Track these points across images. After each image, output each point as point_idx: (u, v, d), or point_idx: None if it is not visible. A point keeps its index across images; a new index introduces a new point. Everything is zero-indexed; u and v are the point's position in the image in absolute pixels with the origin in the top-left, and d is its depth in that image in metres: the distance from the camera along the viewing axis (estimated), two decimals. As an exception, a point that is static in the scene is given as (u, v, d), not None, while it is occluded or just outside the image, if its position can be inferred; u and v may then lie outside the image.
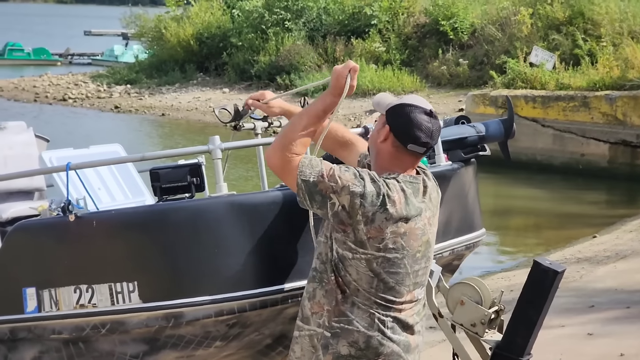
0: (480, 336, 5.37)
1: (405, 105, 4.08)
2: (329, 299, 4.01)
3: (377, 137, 4.11)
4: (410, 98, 4.14)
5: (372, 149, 4.17)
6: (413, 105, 4.08)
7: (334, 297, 4.00)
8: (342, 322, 3.98)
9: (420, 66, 30.17)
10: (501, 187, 19.62)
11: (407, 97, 4.15)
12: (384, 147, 4.08)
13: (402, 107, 4.08)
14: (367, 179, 3.91)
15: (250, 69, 33.12)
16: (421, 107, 4.07)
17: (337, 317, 3.99)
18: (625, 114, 20.17)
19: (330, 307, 4.00)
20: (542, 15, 27.03)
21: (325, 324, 4.01)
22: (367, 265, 3.95)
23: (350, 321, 3.98)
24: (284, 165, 3.95)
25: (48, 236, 4.91)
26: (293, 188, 3.97)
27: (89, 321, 4.73)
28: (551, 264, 5.09)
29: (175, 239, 4.65)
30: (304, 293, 4.15)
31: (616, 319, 8.98)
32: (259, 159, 5.80)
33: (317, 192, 3.90)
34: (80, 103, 34.80)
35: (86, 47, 62.11)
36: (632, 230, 14.66)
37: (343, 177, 3.89)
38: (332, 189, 3.88)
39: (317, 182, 3.90)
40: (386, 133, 4.07)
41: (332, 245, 4.01)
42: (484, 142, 5.82)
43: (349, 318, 3.98)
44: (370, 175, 3.94)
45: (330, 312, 4.00)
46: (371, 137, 4.21)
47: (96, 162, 5.97)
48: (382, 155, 4.09)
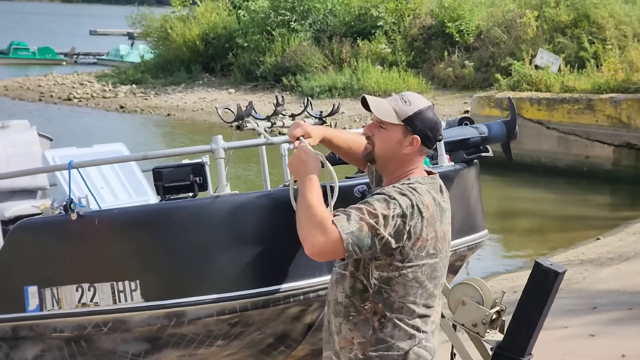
0: (482, 336, 5.39)
1: (424, 111, 3.99)
2: (362, 331, 3.91)
3: (399, 148, 3.99)
4: (417, 100, 4.03)
5: (391, 159, 4.02)
6: (429, 107, 4.02)
7: (370, 326, 3.90)
8: (381, 350, 3.90)
9: (426, 68, 30.17)
10: (506, 189, 19.62)
11: (413, 99, 4.02)
12: (410, 155, 4.00)
13: (424, 115, 3.98)
14: (396, 195, 3.83)
15: (256, 69, 33.12)
16: (431, 106, 4.04)
17: (375, 346, 3.90)
18: (630, 116, 20.16)
19: (364, 339, 3.90)
20: (547, 18, 27.03)
21: (359, 356, 3.91)
22: (414, 277, 3.88)
23: (389, 346, 3.90)
24: (327, 241, 3.76)
25: (50, 235, 4.92)
26: (342, 254, 3.79)
27: (90, 320, 4.75)
28: (552, 264, 5.10)
29: (177, 238, 4.66)
30: (331, 325, 4.03)
31: (618, 320, 8.98)
32: (261, 158, 5.81)
33: (364, 236, 3.76)
34: (85, 103, 34.82)
35: (92, 46, 62.12)
36: (636, 233, 14.66)
37: (377, 208, 3.79)
38: (376, 224, 3.77)
39: (360, 228, 3.77)
40: (416, 143, 3.97)
41: (370, 273, 3.90)
42: (486, 144, 5.82)
43: (388, 343, 3.90)
44: (395, 190, 3.86)
45: (364, 344, 3.90)
46: (387, 148, 4.00)
47: (98, 160, 5.98)
48: (404, 163, 4.00)
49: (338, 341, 3.97)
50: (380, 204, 3.79)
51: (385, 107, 4.01)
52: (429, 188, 3.95)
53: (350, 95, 29.29)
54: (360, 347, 3.90)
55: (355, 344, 3.91)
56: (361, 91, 29.20)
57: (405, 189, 3.87)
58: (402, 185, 3.90)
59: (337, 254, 3.78)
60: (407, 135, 3.97)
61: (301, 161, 3.95)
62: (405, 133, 3.97)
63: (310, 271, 4.65)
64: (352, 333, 3.92)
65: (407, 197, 3.83)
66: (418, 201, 3.84)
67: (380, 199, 3.82)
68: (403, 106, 3.99)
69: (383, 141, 4.01)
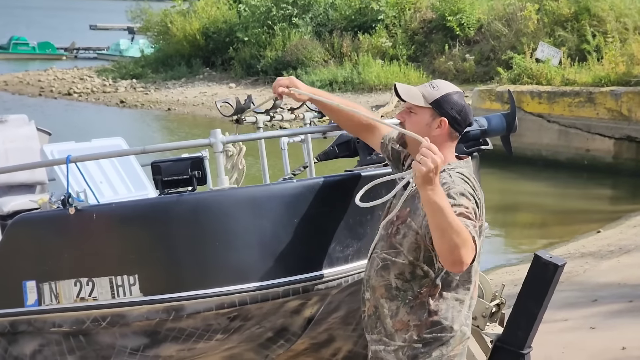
0: (482, 329, 5.39)
1: (452, 94, 4.16)
2: (418, 314, 4.09)
3: (428, 130, 4.11)
4: (445, 85, 4.20)
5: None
6: (457, 91, 4.18)
7: (425, 310, 4.09)
8: (435, 332, 4.09)
9: (426, 61, 30.20)
10: (507, 183, 19.62)
11: (441, 84, 4.19)
12: (440, 138, 4.11)
13: (452, 98, 4.15)
14: (465, 187, 3.98)
15: (256, 64, 33.12)
16: (460, 91, 4.20)
17: (430, 328, 4.09)
18: (631, 109, 20.15)
19: (419, 322, 4.09)
20: (548, 11, 27.02)
21: (414, 338, 4.08)
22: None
23: (443, 328, 4.10)
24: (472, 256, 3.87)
25: (48, 229, 4.90)
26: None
27: (89, 314, 4.73)
28: (552, 257, 5.09)
29: (176, 232, 4.64)
30: (381, 309, 4.17)
31: (619, 312, 8.99)
32: (260, 153, 5.79)
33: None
34: (85, 97, 34.82)
35: (92, 41, 62.08)
36: (636, 225, 14.67)
37: (469, 206, 3.93)
38: (475, 221, 3.93)
39: (477, 232, 3.90)
40: (444, 125, 4.12)
41: (434, 259, 4.04)
42: (486, 136, 5.79)
43: (442, 325, 4.09)
44: (459, 179, 4.00)
45: (420, 326, 4.08)
46: (418, 131, 4.03)
47: (96, 154, 5.97)
48: (438, 146, 3.94)
49: (392, 324, 4.14)
50: (466, 201, 3.94)
51: (414, 92, 4.18)
52: (469, 171, 4.14)
53: (351, 89, 29.30)
54: (416, 329, 4.09)
55: (412, 326, 4.10)
56: (362, 85, 29.22)
57: (460, 176, 4.04)
58: (453, 173, 4.05)
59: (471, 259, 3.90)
60: (435, 117, 4.13)
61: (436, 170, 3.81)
62: (434, 116, 4.13)
63: (309, 265, 4.64)
64: (409, 316, 4.10)
65: (469, 188, 4.00)
66: (474, 188, 4.03)
67: (462, 197, 3.95)
68: (431, 90, 4.15)
69: (413, 124, 4.16)
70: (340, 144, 5.51)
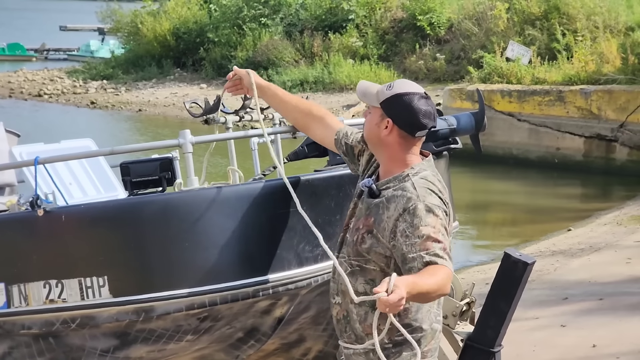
0: (452, 328, 5.39)
1: (402, 95, 4.05)
2: (387, 318, 3.99)
3: (377, 130, 4.09)
4: (402, 85, 4.11)
5: (376, 142, 4.13)
6: (410, 92, 4.06)
7: (395, 314, 3.94)
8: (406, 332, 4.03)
9: (397, 61, 30.22)
10: (478, 181, 19.69)
11: (397, 84, 4.11)
12: (390, 139, 4.07)
13: (401, 98, 4.05)
14: (428, 199, 3.95)
15: (227, 64, 33.01)
16: (417, 93, 4.07)
17: (399, 331, 4.01)
18: (600, 108, 20.26)
19: (390, 326, 3.98)
20: (518, 10, 27.10)
21: (385, 341, 4.03)
22: None
23: (414, 329, 4.07)
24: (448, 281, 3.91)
25: (16, 231, 4.88)
26: None
27: (58, 316, 4.71)
28: (521, 255, 5.10)
29: (145, 233, 4.64)
30: (351, 314, 4.15)
31: (589, 310, 9.03)
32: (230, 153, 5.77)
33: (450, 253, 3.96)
34: (55, 99, 34.66)
35: (62, 42, 61.74)
36: (607, 224, 14.74)
37: (436, 225, 3.93)
38: (445, 239, 3.94)
39: (449, 253, 3.93)
40: (390, 126, 4.06)
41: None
42: (455, 135, 5.80)
43: (412, 327, 4.07)
44: (422, 190, 3.97)
45: (390, 330, 3.99)
46: (369, 130, 4.15)
47: (64, 156, 5.94)
48: (391, 148, 4.07)
49: (362, 328, 4.13)
50: (433, 219, 3.92)
51: (370, 91, 4.16)
52: (432, 172, 4.10)
53: (322, 89, 29.30)
54: (387, 333, 4.00)
55: (381, 330, 4.00)
56: (333, 85, 29.23)
57: (424, 184, 4.00)
58: (417, 179, 4.01)
59: None
60: (383, 118, 4.07)
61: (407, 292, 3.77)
62: (382, 116, 4.08)
63: (279, 265, 4.64)
64: (378, 320, 3.98)
65: (434, 193, 3.99)
66: (438, 191, 4.01)
67: (428, 214, 3.93)
68: (385, 90, 4.10)
69: (367, 123, 4.18)
70: (309, 144, 5.51)
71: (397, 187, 4.01)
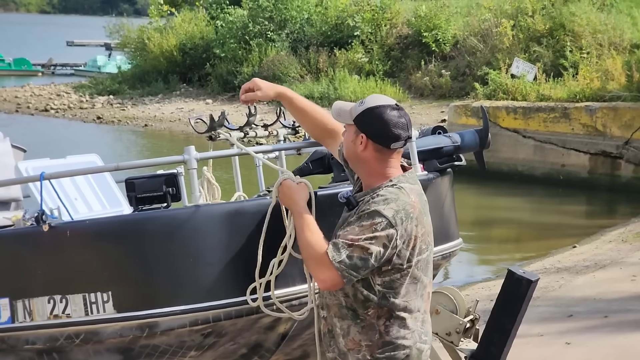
0: (456, 345, 5.40)
1: (373, 109, 4.10)
2: (369, 335, 4.07)
3: (354, 147, 4.14)
4: (373, 99, 4.16)
5: (354, 160, 4.19)
6: (380, 106, 4.11)
7: (376, 331, 4.06)
8: (388, 351, 4.06)
9: (403, 77, 30.26)
10: (483, 198, 19.68)
11: (369, 99, 4.17)
12: (367, 154, 4.11)
13: (371, 112, 4.10)
14: (381, 207, 3.97)
15: (233, 79, 33.11)
16: (387, 105, 4.12)
17: (382, 348, 4.06)
18: (605, 125, 20.26)
19: (370, 342, 4.07)
20: (523, 27, 27.15)
21: (367, 358, 4.06)
22: (412, 274, 4.05)
23: (396, 347, 4.07)
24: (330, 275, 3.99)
25: (21, 246, 4.89)
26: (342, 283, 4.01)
27: (62, 331, 4.71)
28: (525, 273, 5.12)
29: (149, 248, 4.64)
30: (334, 328, 4.18)
31: (594, 328, 9.02)
32: (234, 169, 5.80)
33: (356, 259, 3.97)
34: (62, 114, 34.71)
35: (69, 57, 61.93)
36: (612, 241, 14.72)
37: (365, 226, 3.97)
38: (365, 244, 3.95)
39: (350, 253, 3.97)
40: (364, 141, 4.09)
41: (372, 283, 4.06)
42: (459, 152, 5.82)
43: (394, 344, 4.07)
44: (380, 199, 3.99)
45: (372, 346, 4.06)
46: (347, 148, 4.21)
47: (70, 171, 5.95)
48: (369, 163, 4.13)
49: (345, 343, 4.13)
50: (367, 222, 3.95)
51: (344, 110, 4.22)
52: (412, 184, 4.11)
53: (327, 104, 29.25)
54: (368, 349, 4.06)
55: (363, 346, 4.08)
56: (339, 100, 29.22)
57: (389, 194, 4.01)
58: (386, 189, 4.05)
59: (338, 283, 4.00)
60: (357, 134, 4.13)
61: (287, 197, 4.22)
62: (357, 132, 4.13)
63: (283, 281, 4.64)
64: (360, 336, 4.08)
65: (392, 204, 3.98)
66: (404, 204, 4.00)
67: (366, 217, 3.97)
68: (356, 107, 4.16)
69: (344, 141, 4.25)
70: (314, 161, 5.53)
71: (369, 196, 4.07)
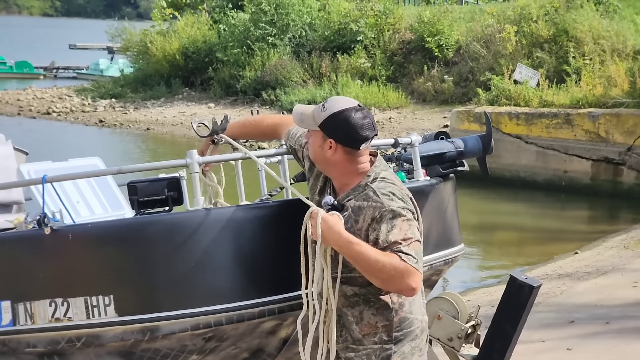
0: (457, 350, 5.39)
1: (337, 114, 4.12)
2: (384, 314, 4.12)
3: (322, 152, 4.18)
4: (335, 103, 4.18)
5: (323, 163, 4.23)
6: (344, 109, 4.13)
7: (391, 309, 4.11)
8: (405, 327, 4.13)
9: (405, 82, 30.27)
10: (485, 203, 19.67)
11: (331, 103, 4.18)
12: (336, 157, 4.15)
13: (337, 117, 4.12)
14: (393, 204, 4.02)
15: (235, 84, 33.13)
16: (351, 108, 4.14)
17: (399, 325, 4.12)
18: (608, 131, 20.25)
19: (387, 321, 4.11)
20: (526, 32, 27.16)
21: (384, 339, 4.11)
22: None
23: (410, 322, 4.14)
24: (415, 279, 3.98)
25: (23, 249, 4.88)
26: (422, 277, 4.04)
27: (64, 335, 4.71)
28: (527, 279, 5.11)
29: (151, 252, 4.63)
30: (345, 317, 4.21)
31: (595, 334, 9.01)
32: (236, 173, 5.78)
33: (420, 251, 4.02)
34: (64, 117, 34.75)
35: (71, 60, 61.99)
36: (614, 247, 14.71)
37: (402, 226, 4.00)
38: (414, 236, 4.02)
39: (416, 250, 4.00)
40: (333, 146, 4.14)
41: None
42: (462, 158, 5.82)
43: (409, 320, 4.14)
44: (384, 197, 4.04)
45: (388, 326, 4.11)
46: (314, 153, 4.25)
47: (72, 174, 5.94)
48: (341, 165, 4.17)
49: (359, 329, 4.16)
50: (396, 220, 4.00)
51: (307, 115, 4.24)
52: (385, 169, 4.21)
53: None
54: (384, 329, 4.11)
55: (380, 327, 4.12)
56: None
57: (384, 189, 4.07)
58: (376, 185, 4.09)
59: (420, 279, 4.01)
60: (325, 139, 4.16)
61: (330, 231, 4.07)
62: (324, 137, 4.16)
63: (285, 285, 4.63)
64: (375, 318, 4.12)
65: (395, 195, 4.06)
66: (399, 189, 4.10)
67: (390, 218, 4.00)
68: (320, 112, 4.18)
69: (311, 146, 4.28)
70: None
71: (359, 196, 4.10)
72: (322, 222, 4.06)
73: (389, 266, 3.93)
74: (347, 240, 4.03)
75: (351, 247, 4.02)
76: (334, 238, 4.07)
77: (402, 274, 3.93)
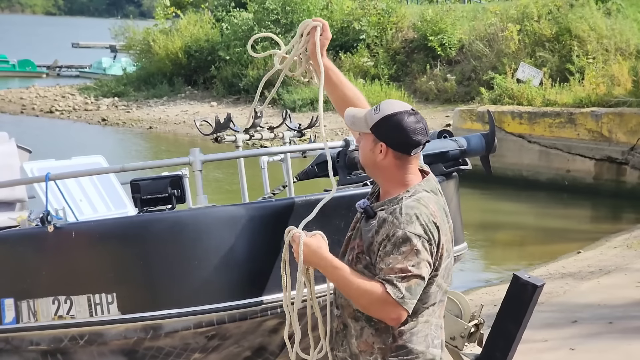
0: (460, 349, 5.39)
1: (390, 117, 4.02)
2: (382, 338, 4.03)
3: (372, 156, 4.07)
4: (388, 106, 4.08)
5: (372, 167, 4.11)
6: (397, 112, 4.03)
7: (390, 334, 4.02)
8: (401, 356, 4.02)
9: (408, 81, 30.26)
10: (487, 202, 19.66)
11: (384, 106, 4.09)
12: (386, 162, 4.04)
13: (389, 120, 4.02)
14: (410, 228, 3.90)
15: (238, 82, 33.13)
16: (405, 111, 4.04)
17: (395, 352, 4.02)
18: (611, 130, 20.24)
19: (384, 345, 4.02)
20: (529, 31, 27.14)
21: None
22: (436, 283, 4.01)
23: (409, 351, 4.02)
24: (398, 312, 3.92)
25: (26, 247, 4.88)
26: (408, 312, 3.95)
27: (67, 332, 4.71)
28: (530, 278, 5.10)
29: (154, 250, 4.63)
30: (349, 329, 4.14)
31: (598, 334, 9.00)
32: (239, 171, 5.78)
33: (414, 287, 3.90)
34: (67, 115, 34.77)
35: (74, 59, 62.00)
36: (617, 247, 14.70)
37: (407, 256, 3.89)
38: (415, 270, 3.89)
39: (408, 286, 3.89)
40: (384, 150, 4.03)
41: None
42: (465, 156, 5.81)
43: (407, 349, 4.02)
44: (405, 219, 3.91)
45: (384, 349, 4.02)
46: (364, 156, 4.13)
47: (75, 172, 5.96)
48: (389, 171, 4.06)
49: (357, 344, 4.09)
50: (405, 247, 3.88)
51: (359, 118, 4.14)
52: (429, 192, 4.04)
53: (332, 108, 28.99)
54: (380, 352, 4.02)
55: (376, 349, 4.04)
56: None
57: (410, 210, 3.93)
58: (406, 203, 3.96)
59: (405, 315, 3.93)
60: (376, 143, 4.05)
61: (312, 255, 4.04)
62: (375, 141, 4.06)
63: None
64: (373, 338, 4.04)
65: (419, 221, 3.91)
66: (427, 215, 3.94)
67: (401, 242, 3.89)
68: (372, 115, 4.08)
69: (361, 150, 4.16)
70: (319, 163, 5.52)
71: (389, 210, 3.99)
72: (304, 247, 4.03)
73: (370, 294, 3.89)
74: (330, 265, 4.01)
75: (334, 272, 4.00)
76: (314, 262, 4.05)
77: (382, 305, 3.88)
